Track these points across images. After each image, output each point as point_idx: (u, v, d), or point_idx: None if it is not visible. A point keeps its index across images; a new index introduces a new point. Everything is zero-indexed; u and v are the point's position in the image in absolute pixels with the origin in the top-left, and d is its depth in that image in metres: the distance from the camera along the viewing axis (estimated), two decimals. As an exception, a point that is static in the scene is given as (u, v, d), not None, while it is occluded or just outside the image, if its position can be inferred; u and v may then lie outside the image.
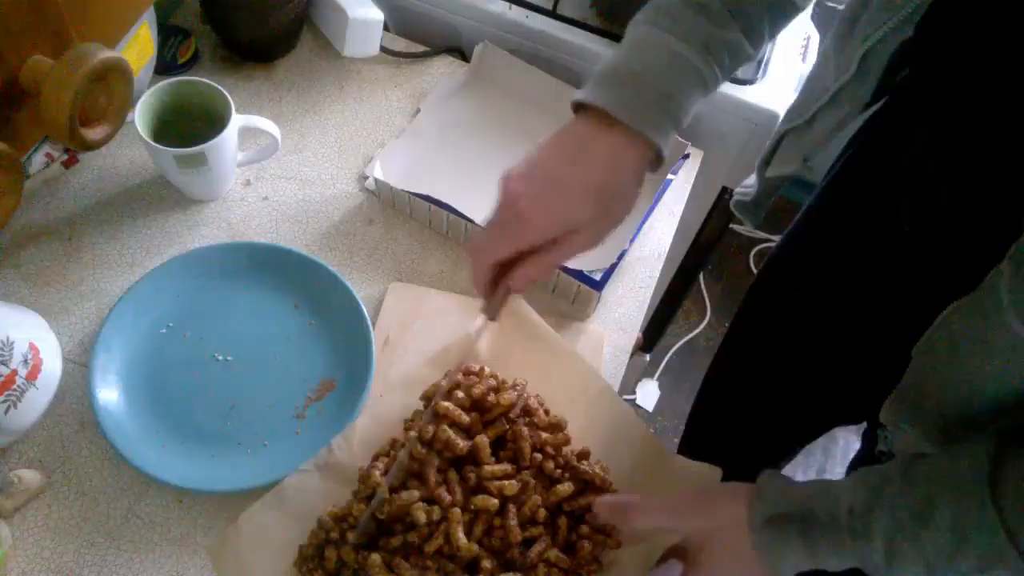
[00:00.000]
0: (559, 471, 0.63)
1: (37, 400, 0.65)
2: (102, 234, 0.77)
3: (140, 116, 0.72)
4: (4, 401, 0.61)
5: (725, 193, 1.02)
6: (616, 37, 0.91)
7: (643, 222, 0.82)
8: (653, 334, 1.45)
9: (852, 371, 0.76)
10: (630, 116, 0.51)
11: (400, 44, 0.96)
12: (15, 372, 0.62)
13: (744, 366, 0.97)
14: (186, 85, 0.75)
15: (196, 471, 0.63)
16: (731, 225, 1.17)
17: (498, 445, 0.64)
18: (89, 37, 0.58)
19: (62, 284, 0.73)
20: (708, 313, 1.82)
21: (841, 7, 0.60)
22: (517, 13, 0.93)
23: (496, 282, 0.55)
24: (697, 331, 1.80)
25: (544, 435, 0.64)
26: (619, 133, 0.52)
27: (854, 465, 1.13)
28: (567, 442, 0.65)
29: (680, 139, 0.87)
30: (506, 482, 0.60)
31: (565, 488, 0.61)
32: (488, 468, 0.61)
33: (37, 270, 0.74)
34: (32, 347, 0.64)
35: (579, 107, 0.54)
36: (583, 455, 0.64)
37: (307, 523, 0.62)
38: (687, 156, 0.89)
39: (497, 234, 0.52)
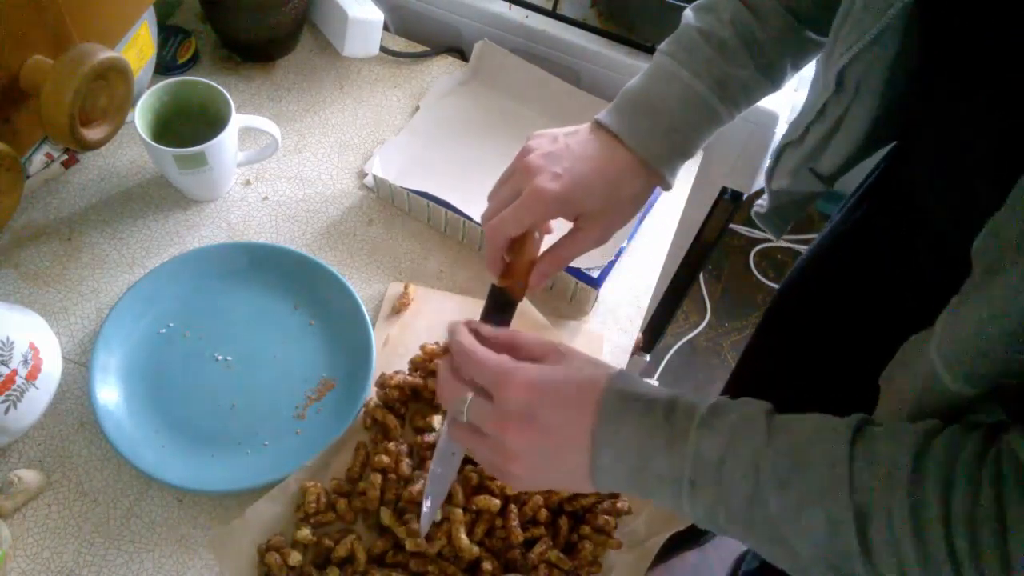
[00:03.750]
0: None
1: (37, 400, 0.65)
2: (102, 234, 0.77)
3: (140, 116, 0.72)
4: (4, 401, 0.61)
5: (725, 193, 1.02)
6: (616, 37, 0.91)
7: (641, 220, 0.82)
8: (653, 334, 1.45)
9: (867, 385, 0.76)
10: (639, 145, 0.57)
11: (400, 44, 0.96)
12: (15, 372, 0.62)
13: (763, 376, 0.97)
14: (186, 85, 0.75)
15: (196, 471, 0.63)
16: (731, 225, 1.17)
17: None
18: (89, 37, 0.58)
19: (62, 284, 0.74)
20: (708, 313, 1.82)
21: None
22: (517, 13, 0.93)
23: (507, 265, 0.57)
24: (697, 331, 1.80)
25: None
26: (629, 153, 0.57)
27: None
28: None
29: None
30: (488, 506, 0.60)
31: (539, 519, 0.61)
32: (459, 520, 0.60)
33: (37, 270, 0.74)
34: (32, 347, 0.64)
35: (597, 124, 0.59)
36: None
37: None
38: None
39: (509, 205, 0.55)
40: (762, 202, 0.76)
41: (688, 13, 0.60)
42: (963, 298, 0.41)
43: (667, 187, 0.59)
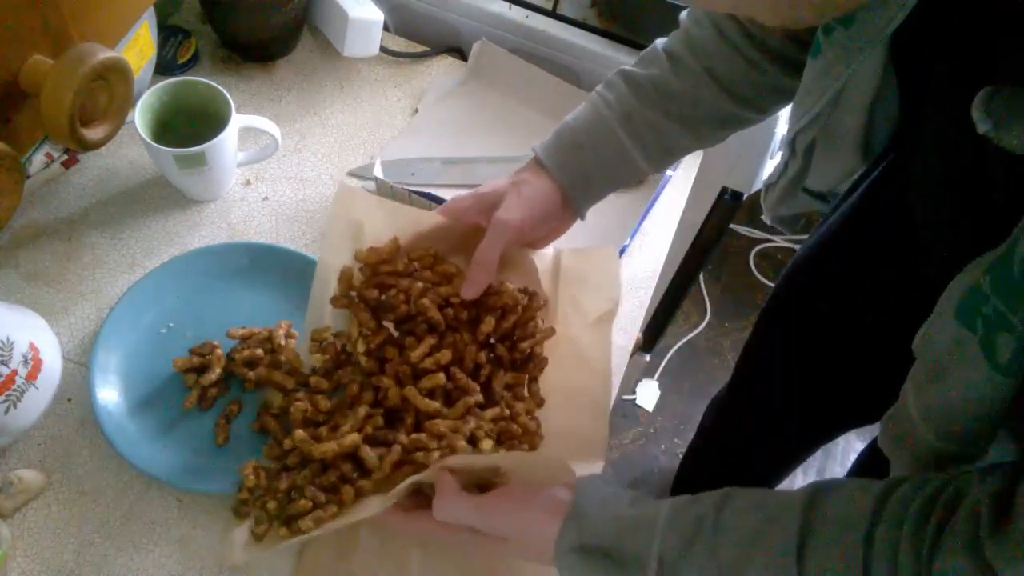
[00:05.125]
0: (473, 311, 0.65)
1: (37, 400, 0.65)
2: (102, 234, 0.77)
3: (140, 116, 0.72)
4: (4, 401, 0.61)
5: (725, 193, 1.02)
6: (616, 37, 0.91)
7: (642, 219, 0.82)
8: (653, 334, 1.45)
9: (870, 378, 0.76)
10: (565, 182, 0.65)
11: (400, 44, 0.96)
12: (15, 372, 0.62)
13: (762, 375, 0.97)
14: (186, 85, 0.75)
15: (196, 471, 0.63)
16: (731, 225, 1.17)
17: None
18: (89, 37, 0.58)
19: (62, 284, 0.73)
20: (708, 313, 1.82)
21: None
22: (517, 13, 0.93)
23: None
24: (697, 331, 1.80)
25: (442, 290, 0.65)
26: (559, 189, 0.66)
27: (859, 467, 1.14)
28: (461, 279, 0.66)
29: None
30: (438, 355, 0.62)
31: (487, 324, 0.63)
32: (415, 354, 0.62)
33: (37, 270, 0.74)
34: (32, 347, 0.64)
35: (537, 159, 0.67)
36: (487, 290, 0.65)
37: None
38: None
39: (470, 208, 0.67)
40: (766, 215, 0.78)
41: (625, 67, 0.67)
42: (919, 384, 0.45)
43: (581, 217, 0.68)
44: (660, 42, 0.65)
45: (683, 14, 0.65)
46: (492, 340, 0.65)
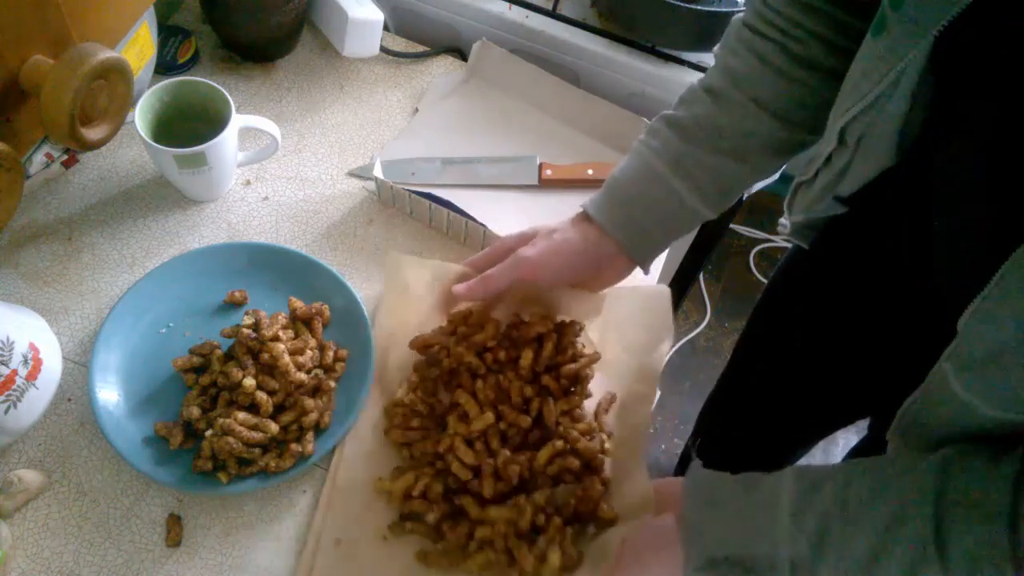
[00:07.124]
0: (512, 352, 0.64)
1: (37, 400, 0.65)
2: (102, 234, 0.77)
3: (140, 116, 0.72)
4: (4, 401, 0.61)
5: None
6: (616, 37, 0.91)
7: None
8: (653, 334, 1.45)
9: (861, 375, 0.76)
10: (620, 234, 0.64)
11: (400, 44, 0.96)
12: (15, 372, 0.62)
13: (757, 370, 0.98)
14: (186, 85, 0.75)
15: (196, 472, 0.63)
16: (731, 225, 1.16)
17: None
18: (89, 37, 0.58)
19: (62, 284, 0.74)
20: (708, 313, 1.82)
21: None
22: (517, 13, 0.93)
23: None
24: (697, 331, 1.80)
25: (476, 338, 0.64)
26: (611, 240, 0.64)
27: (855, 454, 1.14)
28: (494, 327, 0.65)
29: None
30: (481, 396, 0.62)
31: (526, 357, 0.62)
32: (461, 441, 0.61)
33: (37, 270, 0.74)
34: (32, 347, 0.64)
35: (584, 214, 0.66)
36: (516, 324, 0.65)
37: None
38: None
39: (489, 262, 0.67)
40: (784, 222, 0.77)
41: (666, 112, 0.66)
42: (970, 365, 0.43)
43: (645, 271, 0.67)
44: (697, 81, 0.63)
45: (716, 48, 0.63)
46: (538, 372, 0.64)
